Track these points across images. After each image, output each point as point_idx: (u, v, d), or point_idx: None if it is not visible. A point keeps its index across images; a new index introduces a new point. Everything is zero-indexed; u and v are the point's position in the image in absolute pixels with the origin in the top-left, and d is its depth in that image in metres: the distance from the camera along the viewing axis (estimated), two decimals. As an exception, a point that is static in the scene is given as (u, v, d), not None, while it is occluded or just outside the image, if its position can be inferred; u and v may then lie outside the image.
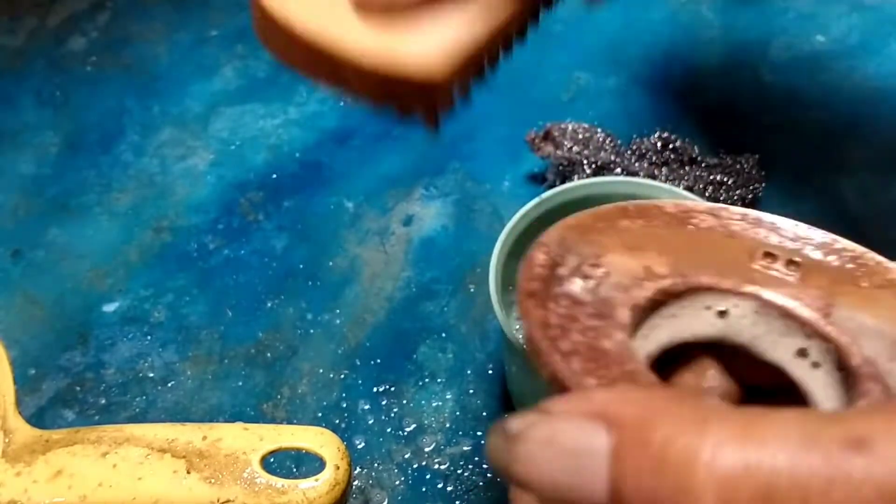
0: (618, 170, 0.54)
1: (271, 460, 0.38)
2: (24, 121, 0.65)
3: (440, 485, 0.44)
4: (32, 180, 0.61)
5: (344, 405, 0.47)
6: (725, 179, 0.54)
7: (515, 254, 0.41)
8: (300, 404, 0.47)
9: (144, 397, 0.48)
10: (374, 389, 0.48)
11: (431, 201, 0.57)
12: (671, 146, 0.56)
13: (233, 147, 0.62)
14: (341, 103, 0.64)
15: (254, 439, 0.38)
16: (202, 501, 0.36)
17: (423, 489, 0.44)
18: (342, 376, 0.48)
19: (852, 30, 0.67)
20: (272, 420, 0.47)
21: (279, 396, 0.48)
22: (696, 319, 0.25)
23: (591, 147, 0.55)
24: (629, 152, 0.56)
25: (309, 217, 0.57)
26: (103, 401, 0.48)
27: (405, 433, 0.46)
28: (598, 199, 0.42)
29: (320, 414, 0.47)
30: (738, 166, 0.55)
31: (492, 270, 0.40)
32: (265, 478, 0.37)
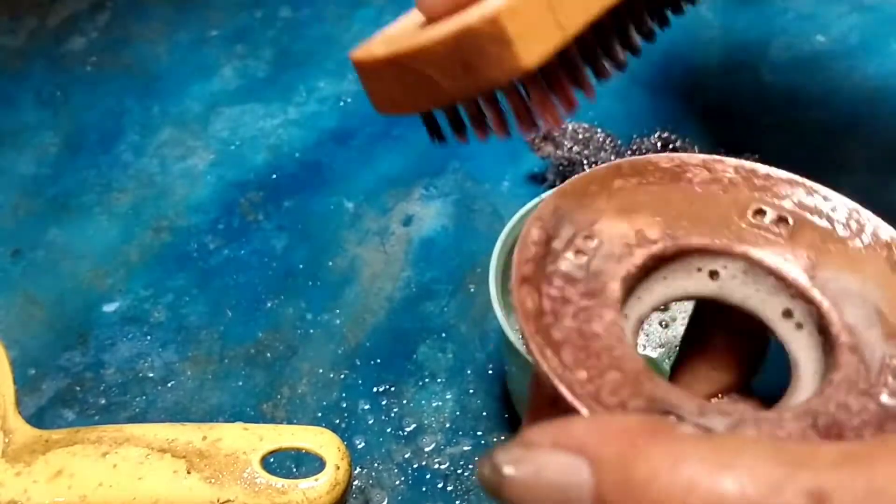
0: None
1: (271, 460, 0.38)
2: (24, 121, 0.65)
3: (440, 485, 0.44)
4: (32, 180, 0.61)
5: (344, 405, 0.47)
6: (725, 179, 0.54)
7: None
8: (300, 404, 0.47)
9: (144, 397, 0.48)
10: (374, 389, 0.48)
11: (431, 201, 0.57)
12: (671, 146, 0.56)
13: (233, 147, 0.62)
14: (340, 104, 0.64)
15: (254, 439, 0.38)
16: (202, 501, 0.36)
17: (423, 489, 0.44)
18: (342, 376, 0.48)
19: (852, 30, 0.67)
20: (272, 420, 0.47)
21: (279, 396, 0.48)
22: (688, 281, 0.26)
23: (591, 147, 0.55)
24: (629, 152, 0.56)
25: (309, 217, 0.57)
26: (103, 401, 0.48)
27: (405, 433, 0.46)
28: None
29: (320, 414, 0.47)
30: (738, 166, 0.55)
31: (492, 270, 0.40)
32: (265, 478, 0.37)
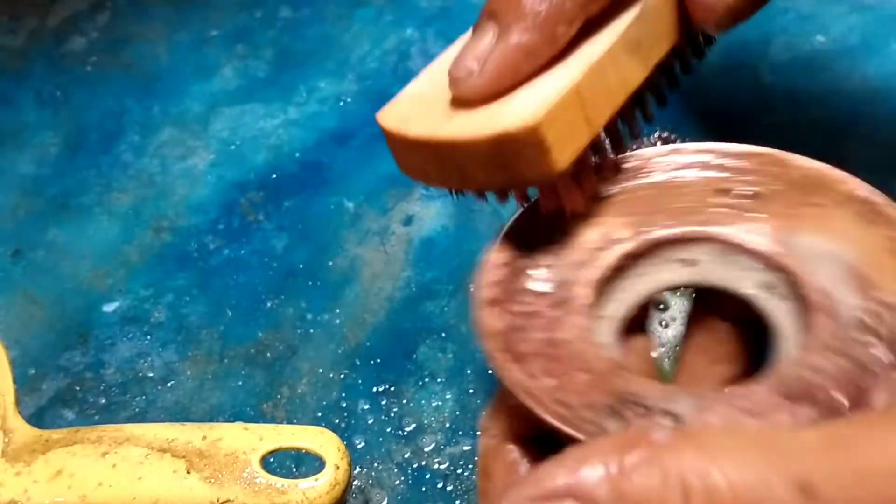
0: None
1: (271, 460, 0.38)
2: (24, 121, 0.65)
3: (440, 485, 0.44)
4: (32, 180, 0.61)
5: (344, 405, 0.47)
6: (725, 179, 0.54)
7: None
8: (300, 404, 0.47)
9: (144, 397, 0.48)
10: (374, 389, 0.48)
11: (431, 201, 0.57)
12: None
13: (233, 147, 0.62)
14: (340, 104, 0.64)
15: (254, 439, 0.38)
16: (202, 501, 0.36)
17: (423, 489, 0.44)
18: (342, 376, 0.48)
19: (852, 30, 0.67)
20: (272, 420, 0.47)
21: (279, 396, 0.48)
22: (666, 272, 0.26)
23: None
24: (629, 152, 0.56)
25: (309, 217, 0.57)
26: (103, 401, 0.48)
27: (405, 433, 0.46)
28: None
29: (320, 414, 0.47)
30: (738, 166, 0.55)
31: (492, 270, 0.40)
32: (265, 478, 0.37)
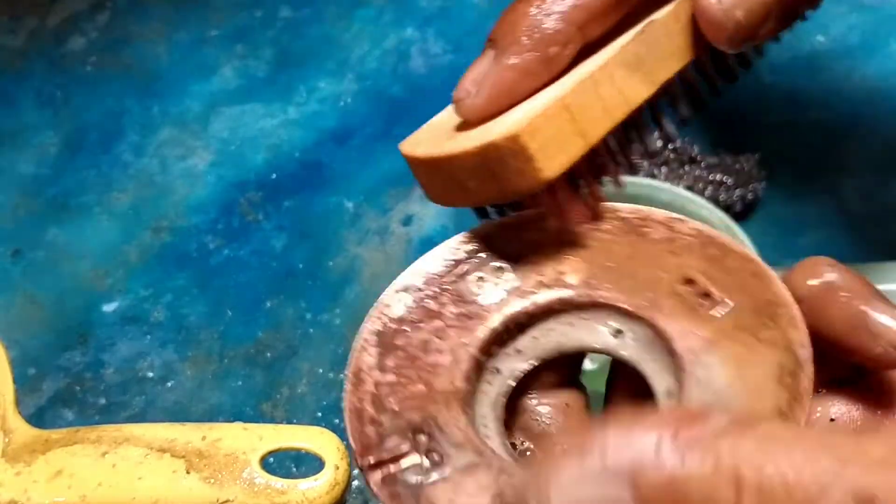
0: (618, 170, 0.54)
1: (271, 460, 0.38)
2: (24, 121, 0.65)
3: (440, 485, 0.44)
4: (32, 180, 0.61)
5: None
6: (725, 179, 0.54)
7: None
8: (300, 404, 0.47)
9: (144, 397, 0.48)
10: (374, 389, 0.48)
11: (431, 201, 0.57)
12: (671, 146, 0.55)
13: (233, 147, 0.62)
14: (340, 104, 0.64)
15: (253, 439, 0.38)
16: (202, 501, 0.36)
17: (423, 489, 0.44)
18: (342, 376, 0.48)
19: (852, 30, 0.67)
20: (272, 420, 0.47)
21: (279, 396, 0.48)
22: (591, 333, 0.25)
23: (591, 147, 0.55)
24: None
25: (309, 217, 0.57)
26: (103, 401, 0.48)
27: (405, 433, 0.46)
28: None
29: (320, 414, 0.47)
30: (738, 166, 0.55)
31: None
32: (265, 478, 0.37)
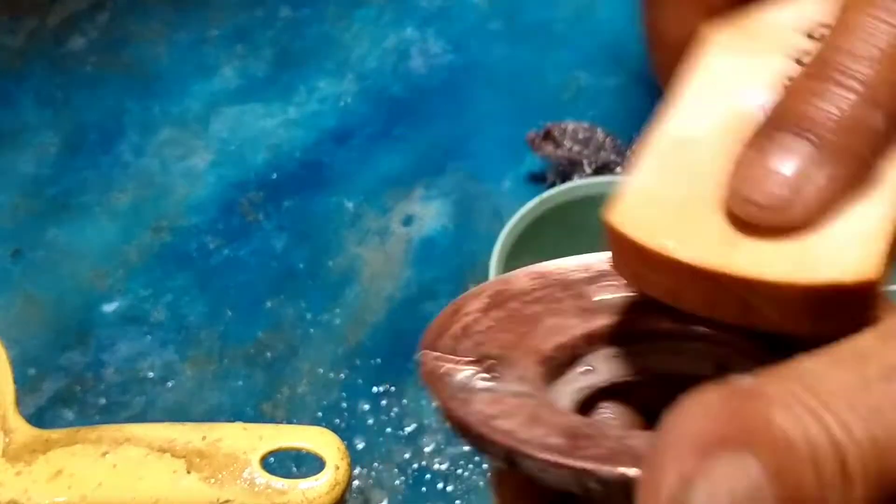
0: (618, 169, 0.54)
1: (271, 460, 0.38)
2: (24, 121, 0.65)
3: (440, 485, 0.44)
4: (32, 180, 0.61)
5: (344, 405, 0.47)
6: (725, 179, 0.54)
7: (515, 254, 0.41)
8: (300, 404, 0.47)
9: (144, 397, 0.48)
10: (374, 389, 0.48)
11: (431, 201, 0.57)
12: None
13: (233, 147, 0.62)
14: (340, 104, 0.64)
15: (253, 439, 0.38)
16: (202, 501, 0.36)
17: (423, 489, 0.44)
18: (342, 376, 0.48)
19: None
20: (272, 420, 0.47)
21: (279, 396, 0.48)
22: (695, 363, 0.25)
23: (592, 147, 0.55)
24: (629, 152, 0.56)
25: (309, 217, 0.57)
26: (103, 400, 0.48)
27: (405, 433, 0.46)
28: (598, 200, 0.42)
29: (320, 414, 0.47)
30: (739, 166, 0.55)
31: (492, 271, 0.40)
32: (265, 478, 0.37)
